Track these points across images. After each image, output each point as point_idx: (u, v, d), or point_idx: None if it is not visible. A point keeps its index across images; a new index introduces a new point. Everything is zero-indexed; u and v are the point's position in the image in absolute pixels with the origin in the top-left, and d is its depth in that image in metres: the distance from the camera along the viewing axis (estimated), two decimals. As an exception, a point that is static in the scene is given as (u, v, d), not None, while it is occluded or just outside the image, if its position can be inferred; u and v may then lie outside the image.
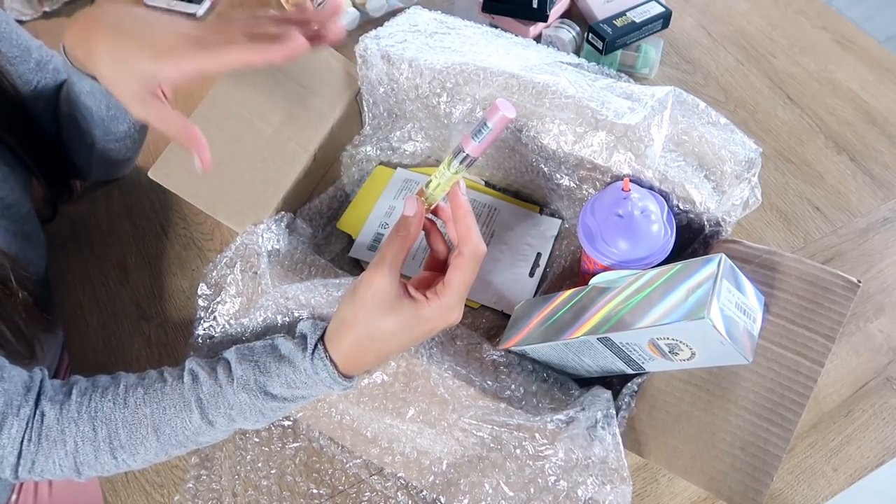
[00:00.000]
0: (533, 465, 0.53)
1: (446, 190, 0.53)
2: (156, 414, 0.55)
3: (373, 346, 0.52)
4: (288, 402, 0.55)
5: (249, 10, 1.03)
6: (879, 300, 0.69)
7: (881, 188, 0.77)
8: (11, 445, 0.53)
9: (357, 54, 0.71)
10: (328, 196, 0.77)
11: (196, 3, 1.02)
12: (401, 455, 0.59)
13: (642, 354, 0.53)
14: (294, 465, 0.63)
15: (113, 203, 0.83)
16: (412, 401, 0.57)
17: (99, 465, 0.55)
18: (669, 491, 0.61)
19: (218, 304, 0.64)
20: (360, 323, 0.51)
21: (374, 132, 0.79)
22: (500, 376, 0.58)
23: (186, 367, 0.56)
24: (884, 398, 0.64)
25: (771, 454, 0.52)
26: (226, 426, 0.56)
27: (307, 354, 0.53)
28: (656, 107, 0.62)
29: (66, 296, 0.76)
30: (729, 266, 0.49)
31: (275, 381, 0.54)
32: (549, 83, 0.64)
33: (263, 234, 0.66)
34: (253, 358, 0.55)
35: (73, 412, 0.54)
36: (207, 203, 0.68)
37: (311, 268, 0.67)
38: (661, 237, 0.58)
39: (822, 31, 0.92)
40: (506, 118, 0.49)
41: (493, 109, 0.49)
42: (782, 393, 0.53)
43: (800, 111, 0.85)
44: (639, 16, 0.86)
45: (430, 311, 0.50)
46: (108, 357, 0.72)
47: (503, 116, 0.49)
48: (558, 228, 0.74)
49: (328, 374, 0.53)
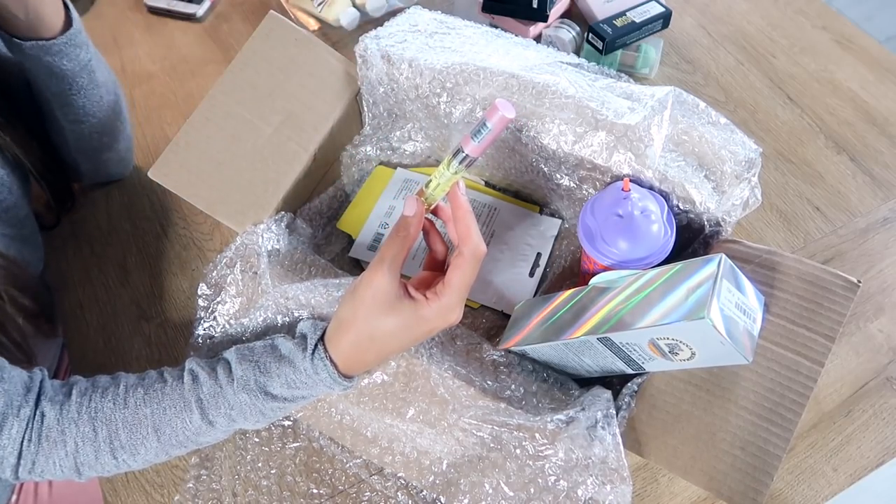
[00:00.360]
0: (533, 464, 0.53)
1: (446, 190, 0.53)
2: (156, 414, 0.55)
3: (373, 346, 0.52)
4: (288, 402, 0.55)
5: (249, 9, 1.03)
6: (879, 300, 0.69)
7: (881, 188, 0.77)
8: (12, 446, 0.53)
9: (357, 54, 0.71)
10: (328, 196, 0.77)
11: (196, 3, 1.02)
12: (401, 455, 0.59)
13: (642, 354, 0.53)
14: (294, 465, 0.63)
15: (113, 203, 0.83)
16: (412, 401, 0.57)
17: (99, 466, 0.55)
18: (669, 491, 0.61)
19: (218, 304, 0.64)
20: (360, 323, 0.51)
21: (373, 132, 0.79)
22: (500, 376, 0.58)
23: (186, 368, 0.56)
24: (884, 398, 0.64)
25: (771, 454, 0.52)
26: (226, 426, 0.56)
27: (307, 354, 0.53)
28: (656, 107, 0.62)
29: (66, 296, 0.76)
30: (729, 266, 0.49)
31: (275, 382, 0.54)
32: (549, 83, 0.64)
33: (263, 234, 0.66)
34: (253, 358, 0.55)
35: (73, 413, 0.54)
36: (207, 203, 0.68)
37: (311, 268, 0.67)
38: (661, 237, 0.58)
39: (822, 31, 0.92)
40: (505, 118, 0.49)
41: (492, 109, 0.49)
42: (782, 393, 0.53)
43: (800, 111, 0.85)
44: (639, 16, 0.86)
45: (430, 312, 0.50)
46: (108, 357, 0.72)
47: (502, 117, 0.49)
48: (558, 228, 0.74)
49: (328, 374, 0.53)
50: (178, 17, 1.03)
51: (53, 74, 0.66)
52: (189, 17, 1.02)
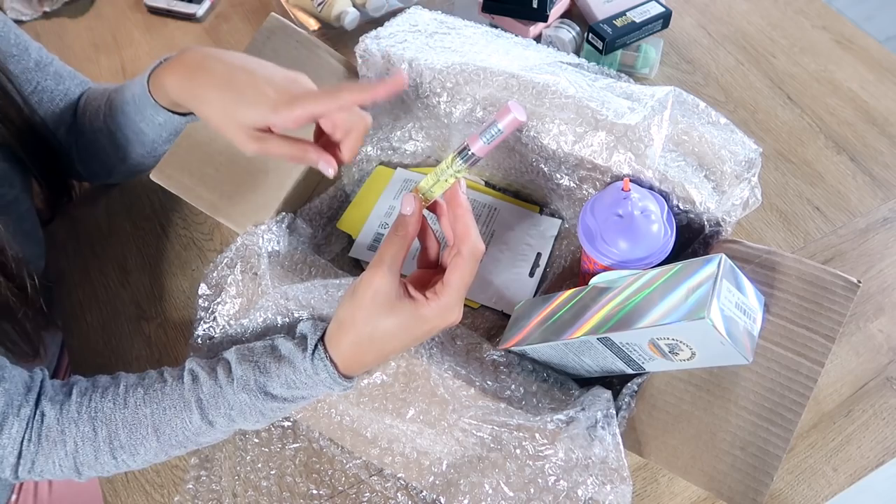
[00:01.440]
0: (533, 465, 0.53)
1: (444, 188, 0.52)
2: (156, 414, 0.55)
3: (373, 347, 0.52)
4: (288, 402, 0.55)
5: (249, 9, 1.03)
6: (879, 300, 0.69)
7: (881, 188, 0.77)
8: (12, 445, 0.53)
9: (357, 54, 0.71)
10: (328, 196, 0.77)
11: (196, 3, 1.02)
12: (401, 455, 0.59)
13: (642, 354, 0.53)
14: (294, 466, 0.63)
15: (113, 203, 0.83)
16: (412, 401, 0.57)
17: (99, 466, 0.55)
18: (669, 491, 0.61)
19: (218, 304, 0.64)
20: (359, 323, 0.51)
21: (374, 132, 0.79)
22: (500, 376, 0.58)
23: (186, 368, 0.56)
24: (884, 398, 0.64)
25: (771, 454, 0.52)
26: (226, 427, 0.56)
27: (307, 355, 0.53)
28: (656, 107, 0.62)
29: (66, 296, 0.76)
30: (729, 266, 0.49)
31: (275, 382, 0.54)
32: (549, 83, 0.64)
33: (264, 234, 0.66)
34: (253, 358, 0.55)
35: (73, 412, 0.54)
36: (209, 204, 0.68)
37: (312, 268, 0.67)
38: (661, 237, 0.58)
39: (822, 31, 0.92)
40: (517, 121, 0.48)
41: (504, 111, 0.48)
42: (782, 393, 0.53)
43: (800, 111, 0.85)
44: (639, 16, 0.86)
45: (429, 311, 0.50)
46: (108, 357, 0.72)
47: (514, 119, 0.48)
48: (558, 228, 0.74)
49: (328, 375, 0.53)
50: (178, 17, 1.03)
51: (172, 136, 0.69)
52: (189, 17, 1.02)
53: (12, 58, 0.69)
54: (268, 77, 0.56)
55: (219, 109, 0.56)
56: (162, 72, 0.61)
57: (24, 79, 0.70)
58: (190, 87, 0.58)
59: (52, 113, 0.73)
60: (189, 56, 0.59)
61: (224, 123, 0.56)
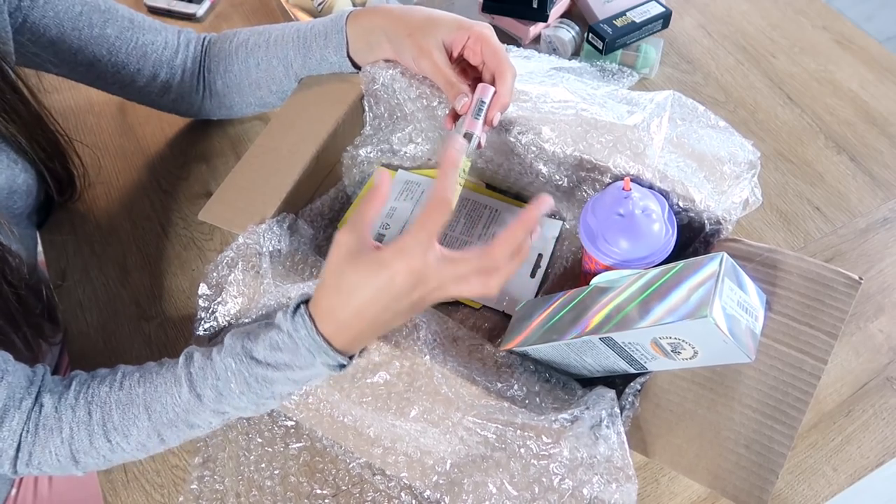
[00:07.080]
0: (537, 464, 0.53)
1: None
2: (148, 392, 0.56)
3: (343, 301, 0.51)
4: (272, 369, 0.54)
5: (249, 9, 1.03)
6: (879, 300, 0.69)
7: (881, 188, 0.78)
8: (11, 438, 0.54)
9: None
10: (329, 197, 0.77)
11: (196, 3, 1.02)
12: (404, 455, 0.59)
13: (645, 354, 0.53)
14: (297, 466, 0.63)
15: (113, 203, 0.83)
16: (415, 400, 0.57)
17: (94, 451, 0.55)
18: (670, 491, 0.61)
19: (219, 304, 0.64)
20: (327, 278, 0.52)
21: (374, 133, 0.79)
22: (503, 377, 0.58)
23: (184, 351, 0.58)
24: (884, 398, 0.64)
25: (775, 452, 0.52)
26: (214, 402, 0.55)
27: (288, 311, 0.54)
28: (655, 109, 0.62)
29: (66, 296, 0.76)
30: (731, 264, 0.49)
31: (260, 345, 0.54)
32: (548, 91, 0.65)
33: (265, 234, 0.66)
34: (245, 329, 0.56)
35: (70, 399, 0.56)
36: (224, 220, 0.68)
37: (313, 269, 0.67)
38: (662, 236, 0.58)
39: (822, 31, 0.92)
40: (492, 90, 0.62)
41: (483, 89, 0.62)
42: (786, 390, 0.53)
43: (800, 111, 0.85)
44: (639, 16, 0.86)
45: (387, 254, 0.50)
46: (108, 357, 0.72)
47: (490, 89, 0.61)
48: (559, 229, 0.74)
49: (307, 332, 0.52)
50: (178, 17, 1.02)
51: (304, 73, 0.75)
52: (189, 17, 1.01)
53: (108, 21, 0.71)
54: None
55: (418, 26, 0.66)
56: (361, 14, 0.70)
57: (123, 37, 0.72)
58: (387, 22, 0.68)
59: (160, 61, 0.75)
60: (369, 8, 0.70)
61: (421, 38, 0.65)
